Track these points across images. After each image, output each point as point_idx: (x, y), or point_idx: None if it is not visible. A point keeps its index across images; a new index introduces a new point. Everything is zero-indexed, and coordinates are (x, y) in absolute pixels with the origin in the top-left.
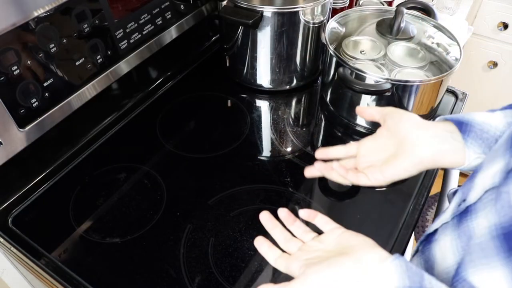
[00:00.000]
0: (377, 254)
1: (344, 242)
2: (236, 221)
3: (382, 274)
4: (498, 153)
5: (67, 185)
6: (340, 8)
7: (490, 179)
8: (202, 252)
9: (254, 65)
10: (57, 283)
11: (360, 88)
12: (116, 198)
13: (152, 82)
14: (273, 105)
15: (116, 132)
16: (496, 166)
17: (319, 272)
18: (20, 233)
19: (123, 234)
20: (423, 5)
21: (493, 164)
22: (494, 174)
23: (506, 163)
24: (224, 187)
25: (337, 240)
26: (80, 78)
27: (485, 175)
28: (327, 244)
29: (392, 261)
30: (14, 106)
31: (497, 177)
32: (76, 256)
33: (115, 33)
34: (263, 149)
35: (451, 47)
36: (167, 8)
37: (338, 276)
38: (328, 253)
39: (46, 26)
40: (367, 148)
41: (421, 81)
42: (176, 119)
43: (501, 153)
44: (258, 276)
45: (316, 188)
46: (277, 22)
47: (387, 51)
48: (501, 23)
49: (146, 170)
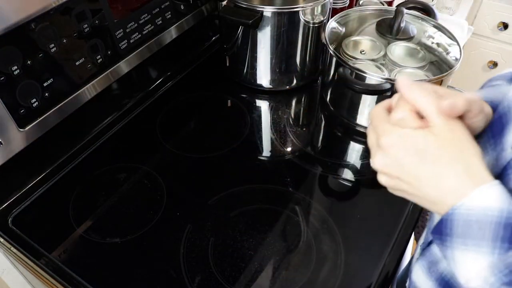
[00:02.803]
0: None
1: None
2: (236, 221)
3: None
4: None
5: (67, 185)
6: (340, 8)
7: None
8: (202, 252)
9: (254, 65)
10: (57, 283)
11: (360, 88)
12: (116, 198)
13: (152, 82)
14: (273, 105)
15: (116, 132)
16: (488, 160)
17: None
18: (20, 233)
19: (123, 234)
20: (423, 5)
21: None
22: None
23: (494, 158)
24: (224, 187)
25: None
26: (80, 78)
27: None
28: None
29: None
30: (14, 106)
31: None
32: (76, 256)
33: (115, 33)
34: (263, 149)
35: (451, 47)
36: (167, 8)
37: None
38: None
39: (46, 26)
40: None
41: (421, 81)
42: (176, 119)
43: (483, 144)
44: (258, 276)
45: (316, 188)
46: (277, 22)
47: (387, 51)
48: (501, 23)
49: (146, 170)
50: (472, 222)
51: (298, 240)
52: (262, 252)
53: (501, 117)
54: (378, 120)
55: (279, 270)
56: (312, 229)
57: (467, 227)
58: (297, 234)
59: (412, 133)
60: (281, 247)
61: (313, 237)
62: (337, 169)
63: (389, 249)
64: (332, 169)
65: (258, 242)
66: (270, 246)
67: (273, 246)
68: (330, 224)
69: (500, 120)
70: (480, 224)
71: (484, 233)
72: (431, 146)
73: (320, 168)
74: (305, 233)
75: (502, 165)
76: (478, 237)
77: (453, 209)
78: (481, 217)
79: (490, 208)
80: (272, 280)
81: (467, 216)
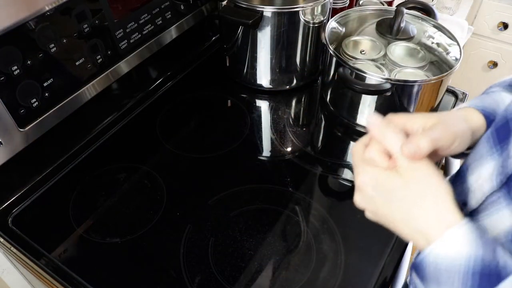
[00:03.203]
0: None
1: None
2: (236, 221)
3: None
4: (482, 151)
5: (67, 185)
6: (340, 8)
7: (487, 182)
8: (202, 252)
9: (254, 65)
10: (57, 283)
11: (360, 88)
12: (116, 198)
13: (152, 82)
14: (273, 105)
15: (116, 132)
16: (488, 168)
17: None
18: (20, 233)
19: (123, 234)
20: (423, 5)
21: (481, 164)
22: (489, 177)
23: (499, 164)
24: (224, 187)
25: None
26: (80, 78)
27: (478, 177)
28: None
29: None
30: (14, 106)
31: (495, 181)
32: (76, 256)
33: (115, 33)
34: (263, 149)
35: (451, 47)
36: (167, 8)
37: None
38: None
39: (46, 26)
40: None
41: (421, 81)
42: (176, 119)
43: (487, 151)
44: (258, 276)
45: (316, 188)
46: (277, 22)
47: (387, 51)
48: (501, 23)
49: (146, 170)
50: (441, 270)
51: (298, 240)
52: (262, 252)
53: (508, 122)
54: (355, 158)
55: (279, 270)
56: (312, 229)
57: (438, 273)
58: (297, 234)
59: (381, 174)
60: (281, 247)
61: (313, 237)
62: (337, 169)
63: (389, 249)
64: (332, 169)
65: (258, 242)
66: (270, 246)
67: (273, 246)
68: (330, 224)
69: (507, 125)
70: (449, 273)
71: (453, 282)
72: (397, 187)
73: (320, 168)
74: (305, 233)
75: (508, 174)
76: (449, 284)
77: (423, 255)
78: (449, 267)
79: (457, 257)
80: (272, 280)
81: (436, 265)
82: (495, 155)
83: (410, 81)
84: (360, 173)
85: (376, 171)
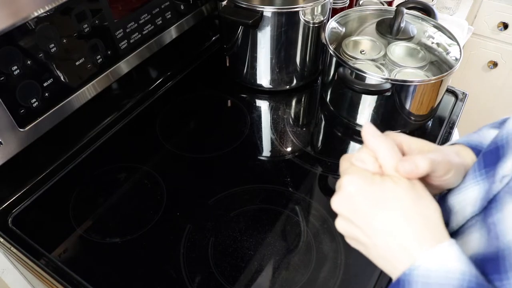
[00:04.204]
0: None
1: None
2: (236, 221)
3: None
4: (468, 176)
5: (67, 185)
6: (340, 8)
7: (470, 207)
8: (202, 252)
9: (254, 65)
10: (57, 283)
11: (360, 88)
12: (116, 198)
13: (152, 82)
14: (273, 105)
15: (116, 132)
16: (472, 192)
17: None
18: (20, 233)
19: (123, 234)
20: (423, 5)
21: (466, 188)
22: (474, 201)
23: (485, 191)
24: (224, 187)
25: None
26: (80, 78)
27: (461, 200)
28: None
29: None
30: (14, 106)
31: (477, 205)
32: (76, 256)
33: (115, 33)
34: (263, 149)
35: (451, 47)
36: (167, 8)
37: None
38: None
39: (46, 26)
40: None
41: (421, 81)
42: (176, 119)
43: (472, 177)
44: (258, 276)
45: (316, 188)
46: (277, 22)
47: (387, 51)
48: (501, 23)
49: (146, 170)
50: (431, 285)
51: (298, 240)
52: (262, 252)
53: (498, 148)
54: (343, 160)
55: (279, 270)
56: (312, 229)
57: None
58: (297, 234)
59: (369, 175)
60: (281, 247)
61: (313, 237)
62: (337, 169)
63: None
64: (332, 169)
65: (258, 242)
66: (270, 246)
67: (273, 246)
68: (330, 224)
69: (497, 151)
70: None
71: None
72: (386, 191)
73: (320, 168)
74: (305, 233)
75: (489, 198)
76: None
77: (411, 269)
78: (441, 280)
79: (451, 270)
80: (272, 280)
81: (427, 278)
82: (479, 178)
83: (410, 81)
84: (347, 172)
85: (366, 172)
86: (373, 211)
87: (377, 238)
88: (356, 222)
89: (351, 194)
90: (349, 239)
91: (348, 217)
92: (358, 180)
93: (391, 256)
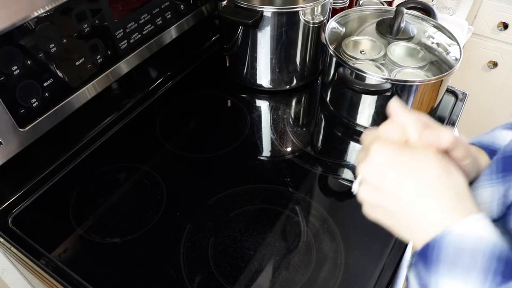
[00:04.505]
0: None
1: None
2: (236, 221)
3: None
4: (483, 176)
5: (67, 185)
6: (340, 8)
7: (482, 206)
8: (202, 252)
9: (254, 65)
10: (57, 283)
11: (360, 88)
12: (116, 198)
13: (152, 82)
14: (273, 105)
15: (116, 132)
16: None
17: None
18: (20, 233)
19: (123, 234)
20: (423, 5)
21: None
22: (488, 203)
23: (501, 195)
24: (224, 187)
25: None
26: (80, 78)
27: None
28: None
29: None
30: (14, 106)
31: (494, 210)
32: (76, 256)
33: (115, 33)
34: (263, 149)
35: (451, 47)
36: (167, 8)
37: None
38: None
39: (46, 26)
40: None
41: (421, 81)
42: (176, 119)
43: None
44: (258, 276)
45: (316, 188)
46: (277, 22)
47: (387, 51)
48: (501, 23)
49: (146, 170)
50: (464, 250)
51: (298, 240)
52: (262, 252)
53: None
54: (367, 134)
55: (279, 270)
56: (312, 229)
57: (458, 255)
58: (297, 234)
59: (398, 146)
60: (281, 247)
61: (313, 237)
62: (337, 169)
63: (389, 249)
64: (332, 169)
65: (258, 242)
66: (270, 246)
67: (273, 246)
68: (330, 224)
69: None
70: (472, 253)
71: (476, 263)
72: (419, 162)
73: (320, 168)
74: (305, 233)
75: (507, 203)
76: (469, 266)
77: (443, 234)
78: (474, 246)
79: (483, 238)
80: (272, 280)
81: (459, 243)
82: (494, 181)
83: (410, 81)
84: (376, 142)
85: (394, 144)
86: (403, 179)
87: (407, 206)
88: (386, 190)
89: (381, 163)
90: (371, 207)
91: (377, 185)
92: (387, 150)
93: (420, 225)
